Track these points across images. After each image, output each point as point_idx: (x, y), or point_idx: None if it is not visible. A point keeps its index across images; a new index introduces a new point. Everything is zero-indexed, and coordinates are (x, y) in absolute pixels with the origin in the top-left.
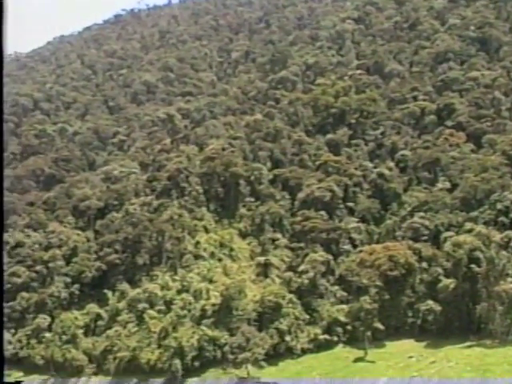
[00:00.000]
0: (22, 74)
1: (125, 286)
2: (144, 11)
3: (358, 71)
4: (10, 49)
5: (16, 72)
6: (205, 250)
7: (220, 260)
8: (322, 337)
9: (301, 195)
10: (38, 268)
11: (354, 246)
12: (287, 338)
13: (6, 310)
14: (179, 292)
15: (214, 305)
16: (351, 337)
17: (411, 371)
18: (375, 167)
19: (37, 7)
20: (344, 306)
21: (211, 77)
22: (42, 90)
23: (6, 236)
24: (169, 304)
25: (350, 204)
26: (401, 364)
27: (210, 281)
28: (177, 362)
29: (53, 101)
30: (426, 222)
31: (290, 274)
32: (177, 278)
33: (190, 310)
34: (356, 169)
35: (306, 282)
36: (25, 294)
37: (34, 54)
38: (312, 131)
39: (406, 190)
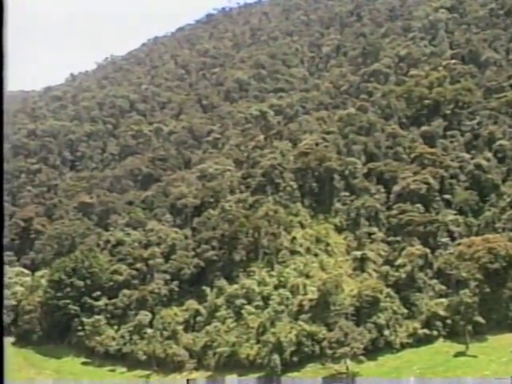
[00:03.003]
0: (119, 76)
1: (222, 282)
2: (235, 9)
3: (453, 61)
4: (106, 52)
5: (112, 74)
6: (301, 245)
7: (316, 255)
8: (421, 331)
9: (396, 188)
10: (138, 266)
11: (452, 239)
12: (386, 333)
13: (109, 307)
14: (276, 287)
15: (311, 300)
16: (451, 331)
17: None
18: (472, 158)
19: (132, 10)
20: (443, 300)
21: (303, 72)
22: (138, 91)
23: (107, 235)
24: (266, 299)
25: (447, 196)
26: (504, 358)
27: (307, 276)
28: (275, 357)
29: (148, 101)
30: None
31: (386, 267)
32: (273, 273)
33: (287, 306)
34: (452, 160)
35: (404, 275)
36: (126, 291)
37: (130, 56)
38: (406, 123)
39: (504, 181)
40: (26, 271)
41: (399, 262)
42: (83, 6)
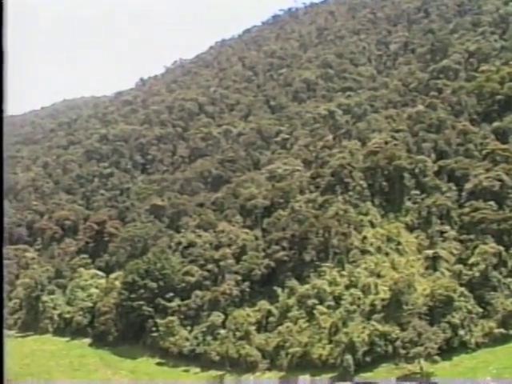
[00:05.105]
0: (187, 80)
1: (293, 282)
2: (301, 10)
3: None
4: (174, 56)
5: (181, 78)
6: (371, 244)
7: (387, 254)
8: (497, 330)
9: (468, 186)
10: (209, 267)
11: None
12: (460, 332)
13: (182, 308)
14: (347, 287)
15: (383, 299)
16: None
17: None
18: None
19: (199, 14)
20: None
21: (371, 70)
22: (206, 93)
23: (178, 236)
24: (338, 299)
25: None
26: None
27: (378, 275)
28: (348, 357)
29: (217, 104)
30: None
31: (459, 266)
32: (344, 273)
33: (359, 305)
34: None
35: (477, 274)
36: (198, 292)
37: (198, 59)
38: (477, 120)
39: None
40: (101, 273)
41: (472, 260)
42: (149, 10)
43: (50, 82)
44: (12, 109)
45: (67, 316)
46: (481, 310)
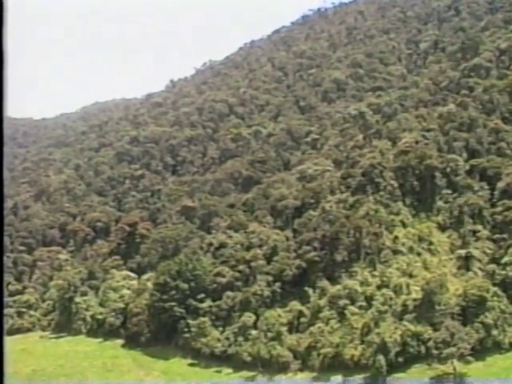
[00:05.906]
0: (217, 81)
1: (325, 282)
2: (330, 9)
3: None
4: (204, 58)
5: (211, 79)
6: (403, 244)
7: (419, 254)
8: None
9: (500, 185)
10: (240, 268)
11: None
12: (494, 332)
13: (213, 309)
14: (379, 287)
15: (415, 300)
16: None
17: None
18: None
19: (228, 16)
20: None
21: (401, 70)
22: (236, 94)
23: (209, 237)
24: (369, 300)
25: None
26: None
27: (410, 275)
28: (380, 357)
29: (246, 104)
30: None
31: (493, 266)
32: (376, 273)
33: (391, 306)
34: None
35: (511, 274)
36: (230, 293)
37: (227, 60)
38: (509, 118)
39: None
40: (133, 275)
41: (506, 259)
42: (178, 12)
43: (81, 85)
44: (44, 112)
45: (100, 317)
46: None
